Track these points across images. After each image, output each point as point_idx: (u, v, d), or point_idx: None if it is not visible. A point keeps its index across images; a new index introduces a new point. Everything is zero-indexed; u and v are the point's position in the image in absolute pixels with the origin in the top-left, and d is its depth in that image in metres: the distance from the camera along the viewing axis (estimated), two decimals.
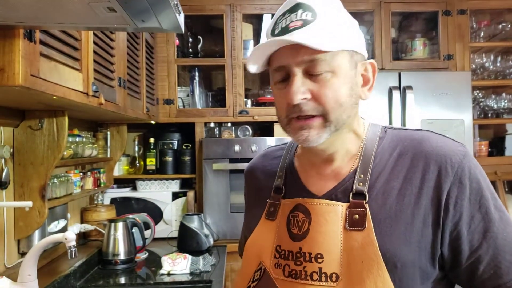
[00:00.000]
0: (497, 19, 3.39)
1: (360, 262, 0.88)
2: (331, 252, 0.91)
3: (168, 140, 3.31)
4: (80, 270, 2.18)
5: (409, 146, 0.96)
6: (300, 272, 0.93)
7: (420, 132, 1.00)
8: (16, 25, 1.11)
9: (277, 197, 1.05)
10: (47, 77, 1.31)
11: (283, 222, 1.00)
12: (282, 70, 0.92)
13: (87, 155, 2.41)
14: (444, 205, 0.88)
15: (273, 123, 3.19)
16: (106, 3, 0.94)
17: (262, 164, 1.18)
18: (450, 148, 0.92)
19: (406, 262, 0.87)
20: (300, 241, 0.95)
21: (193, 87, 3.27)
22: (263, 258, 1.01)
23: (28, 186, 1.83)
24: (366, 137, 1.01)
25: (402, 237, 0.88)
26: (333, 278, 0.89)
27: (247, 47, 3.26)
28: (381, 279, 0.86)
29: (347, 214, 0.92)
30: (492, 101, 3.34)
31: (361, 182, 0.94)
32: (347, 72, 0.92)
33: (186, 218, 2.76)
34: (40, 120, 1.84)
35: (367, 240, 0.88)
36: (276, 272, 0.97)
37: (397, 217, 0.89)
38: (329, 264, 0.90)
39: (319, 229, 0.93)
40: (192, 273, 2.26)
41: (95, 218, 2.65)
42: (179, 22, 1.08)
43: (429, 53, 3.30)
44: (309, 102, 0.90)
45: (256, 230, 1.07)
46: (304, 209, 0.97)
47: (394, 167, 0.94)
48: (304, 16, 0.90)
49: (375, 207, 0.91)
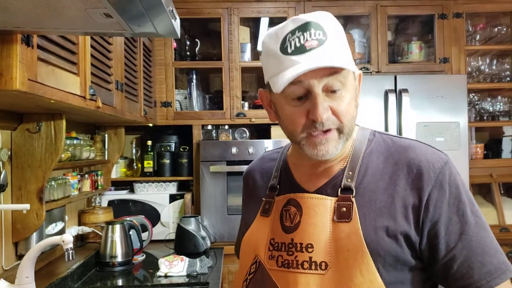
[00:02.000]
0: (492, 23, 3.41)
1: (346, 250, 0.95)
2: (320, 242, 0.98)
3: (165, 143, 3.32)
4: (78, 272, 2.19)
5: (395, 152, 1.03)
6: (292, 261, 0.99)
7: (407, 140, 1.06)
8: (14, 30, 1.12)
9: (272, 194, 1.13)
10: (45, 81, 1.32)
11: (277, 217, 1.07)
12: (299, 85, 0.94)
13: (85, 157, 2.42)
14: (425, 205, 0.95)
15: (270, 125, 3.21)
16: (103, 9, 0.95)
17: (260, 167, 1.25)
18: (433, 156, 0.99)
19: (388, 251, 0.94)
20: (292, 232, 1.02)
21: (191, 89, 3.29)
22: (258, 251, 1.07)
23: (25, 188, 1.84)
24: (356, 139, 1.08)
25: (384, 229, 0.94)
26: (322, 266, 0.96)
27: (244, 50, 3.28)
28: (366, 265, 0.93)
29: (335, 208, 0.99)
30: (487, 104, 3.36)
31: (349, 179, 1.01)
32: (353, 86, 1.00)
33: (183, 220, 2.77)
34: (38, 123, 1.85)
35: (353, 230, 0.95)
36: (270, 263, 1.04)
37: (381, 212, 0.96)
38: (318, 253, 0.97)
39: (309, 220, 1.00)
40: (189, 275, 2.27)
41: (92, 220, 2.66)
42: (175, 27, 1.10)
43: (425, 56, 3.32)
44: (330, 117, 0.96)
45: (252, 226, 1.13)
46: (296, 203, 1.04)
47: (381, 169, 1.01)
48: (318, 35, 0.93)
49: (361, 202, 0.98)
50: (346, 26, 3.53)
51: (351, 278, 0.93)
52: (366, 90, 2.92)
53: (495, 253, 0.95)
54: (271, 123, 3.20)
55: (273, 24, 3.43)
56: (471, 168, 3.04)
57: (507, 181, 3.23)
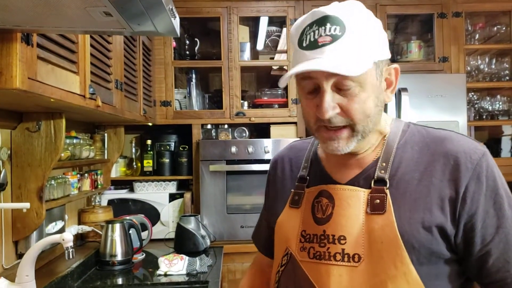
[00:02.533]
0: (492, 22, 3.42)
1: (380, 242, 0.94)
2: (353, 234, 0.97)
3: (165, 142, 3.32)
4: (78, 271, 2.19)
5: (431, 143, 1.01)
6: (324, 253, 0.99)
7: (443, 131, 1.05)
8: (13, 29, 1.13)
9: (302, 186, 1.12)
10: (45, 80, 1.32)
11: (308, 208, 1.07)
12: (309, 80, 0.95)
13: (85, 156, 2.42)
14: (462, 197, 0.93)
15: (270, 124, 3.21)
16: (102, 7, 0.96)
17: (289, 156, 1.24)
18: (470, 147, 0.97)
19: (423, 244, 0.92)
20: (324, 224, 1.01)
21: (190, 89, 3.29)
22: (289, 243, 1.07)
23: (25, 187, 1.84)
24: (390, 130, 1.06)
25: (420, 222, 0.93)
26: (355, 258, 0.96)
27: (244, 49, 3.28)
28: (400, 258, 0.92)
29: (369, 199, 0.98)
30: (487, 103, 3.36)
31: (382, 170, 1.00)
32: (373, 83, 0.96)
33: (183, 219, 2.77)
34: (38, 122, 1.86)
35: (387, 222, 0.94)
36: (302, 255, 1.03)
37: (416, 204, 0.95)
38: (351, 245, 0.96)
39: (342, 212, 0.99)
40: (189, 274, 2.27)
41: (92, 219, 2.66)
42: (175, 26, 1.10)
43: (424, 55, 3.32)
44: (338, 115, 0.95)
45: (281, 218, 1.13)
46: (328, 194, 1.03)
47: (416, 160, 0.99)
48: (333, 30, 0.91)
49: (396, 194, 0.97)
50: None
51: (385, 270, 0.92)
52: None
53: None
54: (271, 123, 3.21)
55: (272, 23, 3.44)
56: None
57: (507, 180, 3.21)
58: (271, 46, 3.51)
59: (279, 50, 3.47)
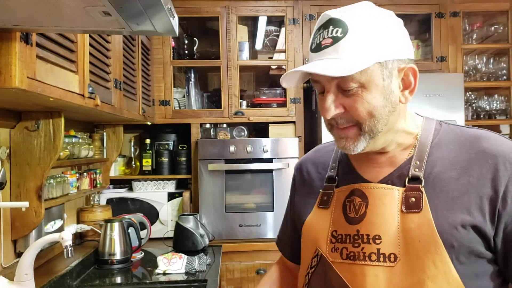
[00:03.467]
0: (489, 21, 3.42)
1: (417, 241, 0.92)
2: (389, 233, 0.95)
3: (164, 141, 3.33)
4: (77, 269, 2.19)
5: (466, 142, 1.00)
6: (358, 253, 0.97)
7: (477, 129, 1.04)
8: (13, 28, 1.13)
9: (331, 186, 1.11)
10: (44, 79, 1.32)
11: (338, 208, 1.05)
12: (317, 82, 0.99)
13: (83, 156, 2.42)
14: (502, 198, 0.91)
15: (268, 124, 3.22)
16: (101, 7, 0.96)
17: (314, 159, 1.24)
18: (508, 146, 0.96)
19: (462, 243, 0.91)
20: (357, 224, 1.00)
21: (189, 88, 3.30)
22: (319, 244, 1.05)
23: (24, 186, 1.85)
24: (422, 128, 1.05)
25: (458, 221, 0.91)
26: (391, 258, 0.94)
27: (243, 49, 3.29)
28: (440, 257, 0.90)
29: (404, 198, 0.97)
30: (484, 102, 3.37)
31: (417, 168, 0.99)
32: (378, 84, 0.94)
33: (182, 218, 2.77)
34: (37, 121, 1.86)
35: (424, 220, 0.93)
36: (333, 256, 1.01)
37: (454, 203, 0.93)
38: (387, 244, 0.95)
39: (376, 211, 0.98)
40: (188, 272, 2.28)
41: (91, 218, 2.66)
42: (173, 25, 1.10)
43: (422, 55, 3.33)
44: (343, 115, 0.96)
45: (309, 219, 1.12)
46: (361, 193, 1.02)
47: (452, 158, 0.98)
48: (335, 32, 0.93)
49: (432, 192, 0.95)
50: None
51: (423, 270, 0.91)
52: None
53: None
54: (270, 122, 3.21)
55: (271, 23, 3.45)
56: None
57: None
58: (269, 46, 3.51)
59: (277, 49, 3.48)
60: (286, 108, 3.22)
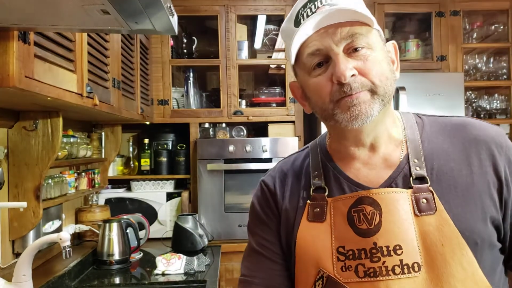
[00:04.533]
0: (489, 20, 3.42)
1: (440, 245, 0.86)
2: (408, 241, 0.87)
3: (162, 141, 3.31)
4: (75, 270, 2.18)
5: (454, 131, 0.96)
6: (379, 268, 0.87)
7: (459, 118, 1.00)
8: (10, 26, 1.12)
9: (321, 196, 0.98)
10: (42, 78, 1.31)
11: (341, 221, 0.93)
12: (318, 54, 0.90)
13: (82, 155, 2.41)
14: (505, 184, 0.90)
15: (268, 123, 3.20)
16: (100, 5, 0.95)
17: (286, 171, 1.10)
18: (494, 130, 0.95)
19: (484, 238, 0.87)
20: (373, 235, 0.89)
21: (188, 87, 3.28)
22: (323, 264, 0.93)
23: (22, 186, 1.83)
24: (404, 123, 1.00)
25: (475, 214, 0.87)
26: (415, 268, 0.86)
27: (242, 48, 3.28)
28: (466, 258, 0.85)
29: (414, 200, 0.89)
30: (484, 101, 3.36)
31: (417, 167, 0.93)
32: (382, 48, 0.93)
33: (181, 219, 2.76)
34: (35, 121, 1.85)
35: (442, 221, 0.87)
36: (346, 276, 0.90)
37: (465, 197, 0.89)
38: (408, 254, 0.87)
39: (392, 219, 0.89)
40: (187, 273, 2.27)
41: (89, 218, 2.65)
42: (172, 24, 1.09)
43: (422, 54, 3.32)
44: (357, 78, 0.88)
45: (301, 236, 0.98)
46: (372, 200, 0.91)
47: (446, 150, 0.94)
48: (329, 1, 0.90)
49: (440, 189, 0.90)
50: None
51: (452, 274, 0.85)
52: None
53: None
54: (269, 121, 3.20)
55: (270, 22, 3.44)
56: None
57: None
58: (268, 45, 3.50)
59: (277, 48, 3.47)
60: (285, 108, 3.21)
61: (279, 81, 3.42)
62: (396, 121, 1.00)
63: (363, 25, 0.89)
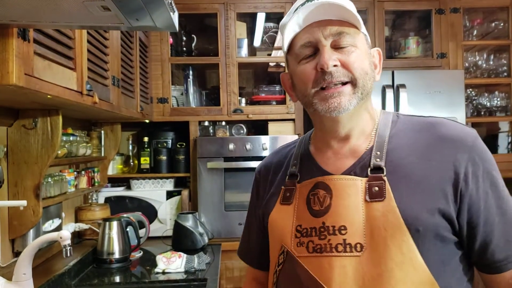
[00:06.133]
0: (490, 18, 3.41)
1: (383, 229, 0.93)
2: (354, 223, 0.95)
3: (162, 139, 3.30)
4: (75, 269, 2.17)
5: (424, 129, 1.03)
6: (325, 245, 0.97)
7: (433, 118, 1.07)
8: (10, 24, 1.11)
9: (292, 182, 1.10)
10: (41, 76, 1.30)
11: (302, 203, 1.05)
12: (309, 46, 1.00)
13: (81, 154, 2.40)
14: (463, 179, 0.94)
15: (267, 121, 3.19)
16: (100, 1, 0.94)
17: (275, 159, 1.23)
18: (464, 131, 1.00)
19: (427, 226, 0.92)
20: (322, 216, 0.99)
21: (187, 85, 3.27)
22: (284, 240, 1.04)
23: (22, 185, 1.83)
24: (379, 120, 1.08)
25: (421, 204, 0.93)
26: (357, 248, 0.94)
27: (241, 46, 3.27)
28: (406, 244, 0.91)
29: (367, 188, 0.97)
30: (485, 99, 3.36)
31: (378, 158, 1.00)
32: (366, 50, 1.03)
33: (181, 217, 2.76)
34: (34, 119, 1.84)
35: (388, 208, 0.93)
36: (299, 250, 1.00)
37: (417, 188, 0.94)
38: (352, 234, 0.95)
39: (341, 202, 0.98)
40: (187, 271, 2.26)
41: (89, 217, 2.65)
42: (174, 20, 1.08)
43: (422, 52, 3.32)
44: (339, 68, 0.97)
45: (272, 216, 1.11)
46: (325, 185, 1.02)
47: (410, 146, 1.01)
48: None
49: (394, 180, 0.96)
50: None
51: (391, 257, 0.91)
52: None
53: None
54: (269, 119, 3.19)
55: (270, 20, 3.43)
56: None
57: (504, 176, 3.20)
58: (268, 43, 3.49)
59: (276, 46, 3.46)
60: (285, 105, 3.20)
61: (278, 79, 3.40)
62: (373, 117, 1.08)
63: (352, 27, 0.99)
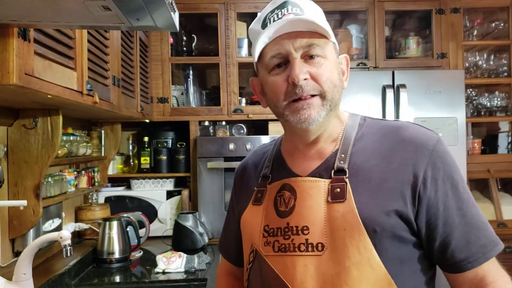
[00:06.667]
0: (490, 18, 3.41)
1: (342, 229, 0.95)
2: (316, 224, 0.99)
3: (162, 139, 3.30)
4: (75, 268, 2.17)
5: (388, 132, 1.06)
6: (288, 245, 1.00)
7: (398, 121, 1.10)
8: (10, 23, 1.11)
9: (264, 183, 1.14)
10: (42, 75, 1.30)
11: (270, 203, 1.08)
12: (279, 57, 1.02)
13: (81, 154, 2.40)
14: (422, 182, 0.96)
15: (268, 121, 3.19)
16: (101, 1, 0.94)
17: (252, 160, 1.26)
18: (426, 134, 1.03)
19: (384, 227, 0.94)
20: (287, 216, 1.03)
21: (187, 85, 3.27)
22: (254, 240, 1.08)
23: (22, 185, 1.83)
24: (347, 123, 1.11)
25: (380, 206, 0.96)
26: (319, 247, 0.97)
27: (241, 46, 3.26)
28: (363, 243, 0.94)
29: (329, 189, 1.00)
30: (485, 99, 3.36)
31: (341, 161, 1.03)
32: (334, 59, 1.05)
33: (181, 217, 2.76)
34: (34, 119, 1.84)
35: (348, 209, 0.96)
36: (266, 249, 1.04)
37: (376, 190, 0.98)
38: (314, 234, 0.98)
39: (304, 203, 1.02)
40: (187, 271, 2.26)
41: (89, 217, 2.64)
42: (174, 20, 1.08)
43: (422, 52, 3.31)
44: (309, 82, 0.99)
45: (244, 216, 1.15)
46: (290, 187, 1.06)
47: (374, 149, 1.03)
48: (294, 10, 1.01)
49: (356, 182, 0.99)
50: (343, 21, 3.51)
51: (348, 257, 0.94)
52: (363, 86, 2.92)
53: (486, 227, 0.99)
54: (269, 119, 3.19)
55: None
56: (468, 164, 3.03)
57: (504, 176, 3.23)
58: None
59: None
60: None
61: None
62: (342, 121, 1.11)
63: (322, 37, 1.01)
